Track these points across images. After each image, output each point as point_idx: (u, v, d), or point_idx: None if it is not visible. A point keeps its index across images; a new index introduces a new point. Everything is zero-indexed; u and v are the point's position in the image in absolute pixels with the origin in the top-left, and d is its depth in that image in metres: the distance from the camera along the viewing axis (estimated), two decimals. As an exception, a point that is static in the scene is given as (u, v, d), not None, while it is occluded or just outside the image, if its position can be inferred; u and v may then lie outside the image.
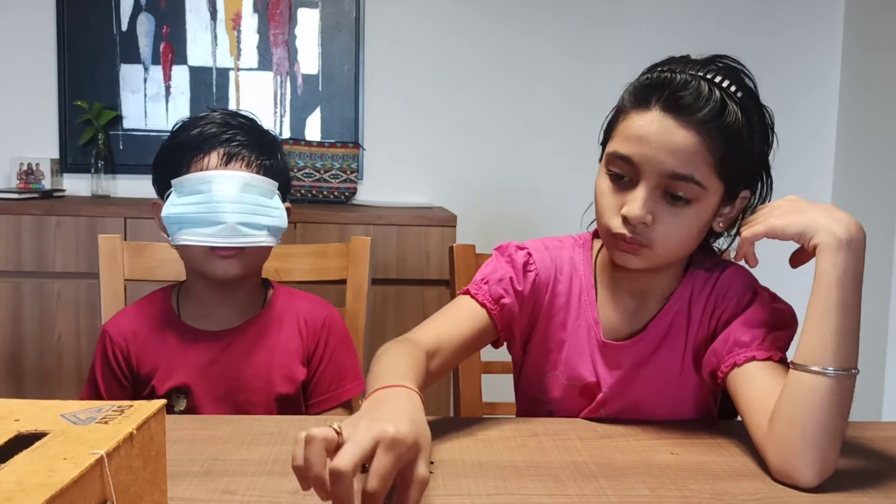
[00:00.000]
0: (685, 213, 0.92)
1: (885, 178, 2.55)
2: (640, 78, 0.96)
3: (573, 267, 1.08)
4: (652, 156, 0.90)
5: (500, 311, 1.05)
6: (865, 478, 0.86)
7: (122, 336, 1.23)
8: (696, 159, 0.89)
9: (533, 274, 1.07)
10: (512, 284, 1.05)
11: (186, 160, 1.16)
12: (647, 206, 0.91)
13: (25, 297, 2.27)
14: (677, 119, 0.89)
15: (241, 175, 1.14)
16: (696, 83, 0.90)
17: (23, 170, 2.61)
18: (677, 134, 0.89)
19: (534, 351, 1.09)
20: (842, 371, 0.83)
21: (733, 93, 0.91)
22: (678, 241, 0.95)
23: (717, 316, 1.01)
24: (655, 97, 0.91)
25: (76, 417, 0.58)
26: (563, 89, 2.76)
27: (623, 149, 0.93)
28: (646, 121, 0.91)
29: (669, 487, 0.82)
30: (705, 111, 0.89)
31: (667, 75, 0.91)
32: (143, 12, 2.66)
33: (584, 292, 1.07)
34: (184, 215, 1.13)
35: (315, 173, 2.59)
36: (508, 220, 2.76)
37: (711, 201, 0.93)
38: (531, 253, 1.08)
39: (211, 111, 1.22)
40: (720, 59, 0.95)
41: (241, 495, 0.77)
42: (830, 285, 0.84)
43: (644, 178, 0.92)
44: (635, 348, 1.03)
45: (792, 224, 0.88)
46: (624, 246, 0.95)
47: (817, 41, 2.83)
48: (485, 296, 1.05)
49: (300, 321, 1.27)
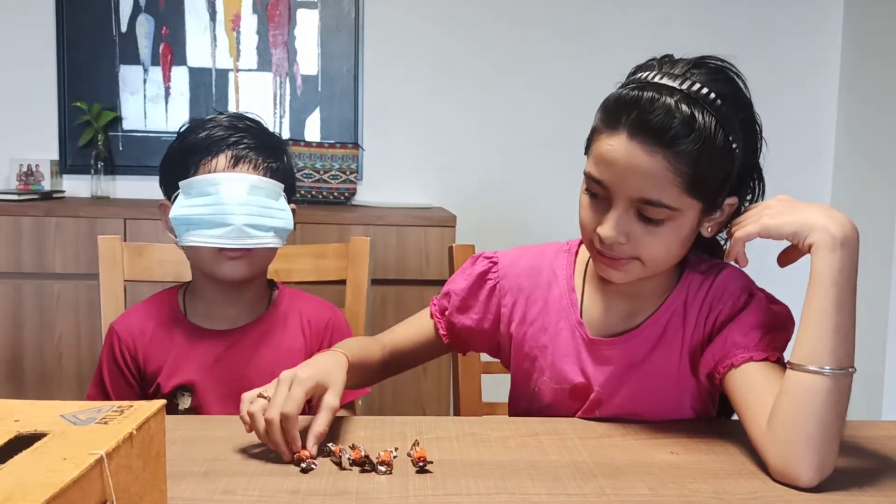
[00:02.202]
0: (660, 232, 0.92)
1: (884, 179, 2.55)
2: (613, 92, 0.93)
3: (553, 274, 1.09)
4: (621, 181, 0.90)
5: (445, 323, 1.14)
6: (865, 477, 0.86)
7: (129, 334, 1.24)
8: (664, 183, 0.88)
9: (492, 282, 1.11)
10: (461, 295, 1.12)
11: (194, 162, 1.17)
12: (619, 228, 0.92)
13: (25, 299, 2.27)
14: (643, 144, 0.88)
15: (248, 177, 1.15)
16: (664, 101, 0.87)
17: (22, 171, 2.61)
18: (643, 159, 0.88)
19: (518, 360, 1.10)
20: (839, 370, 0.83)
21: (711, 101, 0.88)
22: (660, 256, 0.95)
23: (714, 318, 1.01)
24: (624, 118, 0.89)
25: (76, 418, 0.58)
26: (562, 90, 2.76)
27: (594, 171, 0.93)
28: (614, 144, 0.90)
29: (669, 487, 0.82)
30: (672, 132, 0.86)
31: (635, 94, 0.89)
32: (143, 13, 2.66)
33: (564, 296, 1.07)
34: (192, 217, 1.14)
35: (314, 174, 2.59)
36: (507, 220, 2.76)
37: (688, 217, 0.92)
38: (496, 262, 1.12)
39: (218, 114, 1.23)
40: (705, 61, 0.93)
41: (240, 495, 0.77)
42: (826, 285, 0.84)
43: (616, 199, 0.92)
44: (626, 346, 1.03)
45: (786, 224, 0.87)
46: (606, 261, 0.96)
47: (816, 42, 2.82)
48: (435, 306, 1.15)
49: (304, 322, 1.28)
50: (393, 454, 0.85)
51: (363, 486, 0.80)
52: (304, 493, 0.78)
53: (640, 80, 0.92)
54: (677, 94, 0.88)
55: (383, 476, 0.83)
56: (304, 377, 0.88)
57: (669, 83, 0.89)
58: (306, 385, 0.88)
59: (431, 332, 1.15)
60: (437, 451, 0.90)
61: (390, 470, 0.84)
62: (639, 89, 0.89)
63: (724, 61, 0.95)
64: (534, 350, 1.08)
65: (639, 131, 0.88)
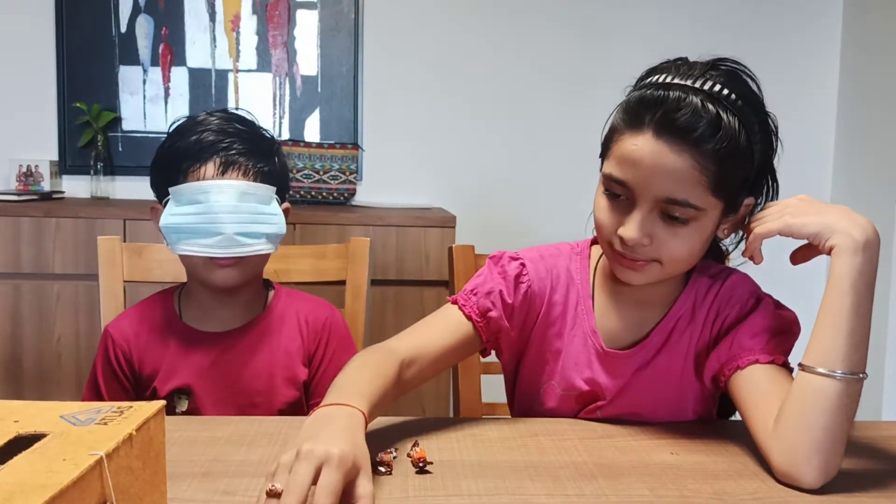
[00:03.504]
0: (684, 232, 0.91)
1: (883, 179, 2.55)
2: (633, 93, 0.93)
3: (570, 277, 1.07)
4: (646, 180, 0.89)
5: (486, 325, 1.04)
6: (865, 477, 0.86)
7: (123, 337, 1.23)
8: (691, 183, 0.88)
9: (525, 286, 1.05)
10: (501, 297, 1.04)
11: (183, 169, 1.16)
12: (643, 229, 0.91)
13: (24, 299, 2.27)
14: (670, 143, 0.87)
15: (237, 184, 1.14)
16: (690, 100, 0.87)
17: (22, 171, 2.61)
18: (670, 158, 0.87)
19: (529, 362, 1.09)
20: (851, 375, 0.83)
21: (733, 101, 0.89)
22: (682, 257, 0.94)
23: (720, 322, 1.00)
24: (648, 118, 0.88)
25: (75, 418, 0.58)
26: (561, 90, 2.76)
27: (618, 172, 0.92)
28: (639, 144, 0.89)
29: (669, 487, 0.82)
30: (699, 132, 0.86)
31: (660, 94, 0.88)
32: (142, 14, 2.66)
33: (580, 302, 1.06)
34: (182, 225, 1.13)
35: (314, 174, 2.59)
36: (507, 221, 2.76)
37: (711, 217, 0.92)
38: (525, 263, 1.06)
39: (208, 115, 1.21)
40: (721, 63, 0.93)
41: (240, 496, 0.77)
42: (845, 288, 0.84)
43: (640, 200, 0.91)
44: (638, 356, 1.02)
45: (809, 224, 0.87)
46: (626, 263, 0.95)
47: (816, 42, 2.83)
48: (472, 308, 1.04)
49: (301, 321, 1.27)
50: (393, 455, 0.85)
51: (363, 486, 0.80)
52: (303, 494, 0.78)
53: (658, 82, 0.91)
54: (701, 94, 0.88)
55: (383, 477, 0.82)
56: (341, 457, 0.70)
57: (692, 83, 0.89)
58: (345, 467, 0.70)
59: (467, 335, 1.04)
60: (437, 452, 0.90)
61: (390, 471, 0.83)
62: (663, 89, 0.89)
63: (737, 63, 0.94)
64: (547, 353, 1.07)
65: (665, 130, 0.87)
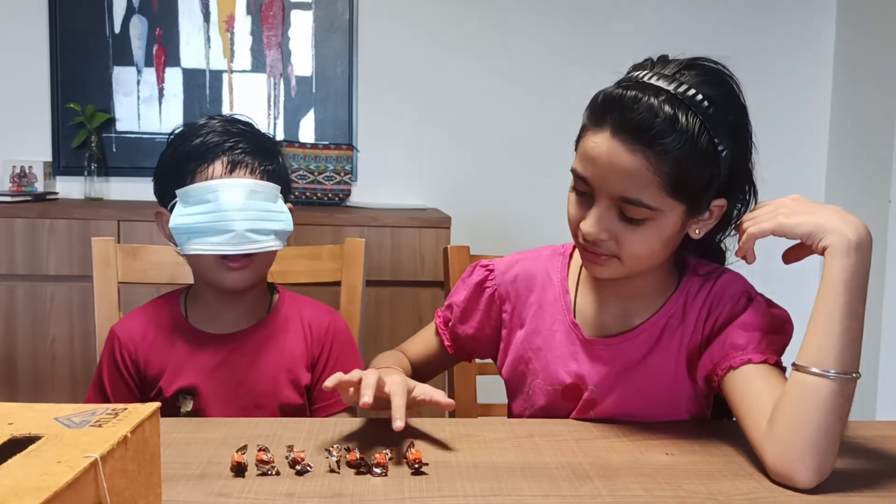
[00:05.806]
0: (642, 231, 0.92)
1: (877, 177, 2.56)
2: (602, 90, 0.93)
3: (547, 277, 1.10)
4: (602, 178, 0.91)
5: (450, 334, 1.17)
6: (859, 477, 0.86)
7: (130, 338, 1.24)
8: (644, 183, 0.88)
9: (490, 290, 1.13)
10: (463, 305, 1.14)
11: (191, 170, 1.17)
12: (601, 225, 0.92)
13: (18, 301, 2.26)
14: (625, 142, 0.88)
15: (246, 182, 1.16)
16: (647, 100, 0.87)
17: (15, 172, 2.60)
18: (624, 157, 0.88)
19: (513, 363, 1.11)
20: (844, 374, 0.83)
21: (697, 102, 0.88)
22: (641, 255, 0.95)
23: (712, 321, 1.01)
24: (608, 116, 0.89)
25: (70, 421, 0.57)
26: (556, 90, 2.76)
27: (580, 168, 0.94)
28: (597, 141, 0.90)
29: (664, 488, 0.82)
30: (653, 132, 0.86)
31: (620, 92, 0.89)
32: (136, 14, 2.65)
33: (559, 299, 1.08)
34: (192, 225, 1.14)
35: (309, 175, 2.59)
36: (502, 222, 2.76)
37: (669, 218, 0.92)
38: (492, 269, 1.13)
39: (209, 119, 1.22)
40: (699, 62, 0.93)
41: (235, 498, 0.77)
42: (838, 288, 0.84)
43: (598, 196, 0.92)
44: (623, 347, 1.03)
45: (802, 223, 0.87)
46: (590, 257, 0.97)
47: (810, 38, 2.83)
48: (439, 319, 1.19)
49: (305, 326, 1.29)
50: (388, 456, 0.85)
51: (358, 488, 0.80)
52: (299, 496, 0.78)
53: (632, 79, 0.92)
54: (663, 95, 0.88)
55: (378, 478, 0.83)
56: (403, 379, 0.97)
57: (657, 83, 0.89)
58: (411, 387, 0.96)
59: (438, 344, 1.19)
60: (433, 453, 0.90)
61: (386, 472, 0.83)
62: (625, 88, 0.90)
63: (717, 63, 0.94)
64: (527, 353, 1.09)
65: (621, 129, 0.88)
